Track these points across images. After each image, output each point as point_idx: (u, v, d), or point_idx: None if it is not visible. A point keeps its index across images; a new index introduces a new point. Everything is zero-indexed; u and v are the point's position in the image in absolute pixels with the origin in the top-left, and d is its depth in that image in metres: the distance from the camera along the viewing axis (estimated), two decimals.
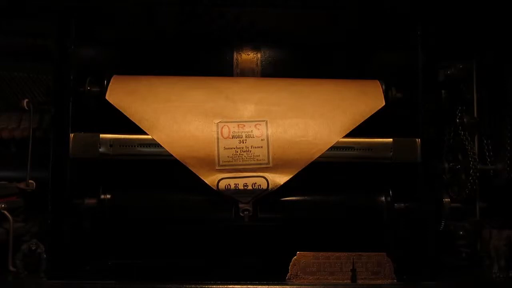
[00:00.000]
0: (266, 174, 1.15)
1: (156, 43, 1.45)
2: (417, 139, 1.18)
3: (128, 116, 1.16)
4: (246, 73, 1.45)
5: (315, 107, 1.19)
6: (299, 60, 1.50)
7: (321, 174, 1.18)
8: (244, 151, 1.13)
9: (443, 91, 1.27)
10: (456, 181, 1.30)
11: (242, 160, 1.14)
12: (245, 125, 1.15)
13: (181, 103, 1.18)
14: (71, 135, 1.16)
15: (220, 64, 1.46)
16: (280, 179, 1.15)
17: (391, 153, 1.17)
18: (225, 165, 1.14)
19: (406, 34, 1.21)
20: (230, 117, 1.16)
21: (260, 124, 1.15)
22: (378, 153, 1.19)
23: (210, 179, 1.15)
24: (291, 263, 1.11)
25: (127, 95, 1.19)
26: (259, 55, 1.46)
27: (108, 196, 1.23)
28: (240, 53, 1.46)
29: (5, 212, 1.17)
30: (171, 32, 1.39)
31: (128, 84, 1.22)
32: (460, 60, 1.32)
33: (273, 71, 1.46)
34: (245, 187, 1.15)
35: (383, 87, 1.25)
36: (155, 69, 1.33)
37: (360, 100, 1.19)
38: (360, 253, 1.11)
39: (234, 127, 1.15)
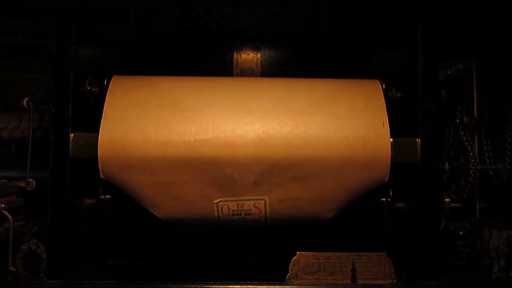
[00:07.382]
0: None
1: (156, 43, 1.45)
2: (417, 139, 1.17)
3: (127, 193, 1.16)
4: (246, 73, 1.45)
5: (317, 180, 1.15)
6: (299, 60, 1.50)
7: None
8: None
9: (443, 91, 1.27)
10: (456, 181, 1.30)
11: None
12: (244, 203, 1.15)
13: (178, 177, 1.13)
14: (71, 135, 1.15)
15: (220, 64, 1.46)
16: None
17: (391, 153, 1.17)
18: None
19: (406, 34, 1.21)
20: (229, 196, 1.15)
21: (259, 203, 1.15)
22: None
23: None
24: (291, 263, 1.10)
25: (120, 170, 1.14)
26: (259, 55, 1.46)
27: (108, 196, 1.23)
28: (240, 53, 1.46)
29: (5, 212, 1.17)
30: (171, 32, 1.39)
31: (119, 152, 1.13)
32: (460, 60, 1.32)
33: (273, 71, 1.46)
34: None
35: (383, 87, 1.25)
36: (155, 69, 1.33)
37: (365, 170, 1.16)
38: (360, 253, 1.11)
39: (233, 206, 1.15)
